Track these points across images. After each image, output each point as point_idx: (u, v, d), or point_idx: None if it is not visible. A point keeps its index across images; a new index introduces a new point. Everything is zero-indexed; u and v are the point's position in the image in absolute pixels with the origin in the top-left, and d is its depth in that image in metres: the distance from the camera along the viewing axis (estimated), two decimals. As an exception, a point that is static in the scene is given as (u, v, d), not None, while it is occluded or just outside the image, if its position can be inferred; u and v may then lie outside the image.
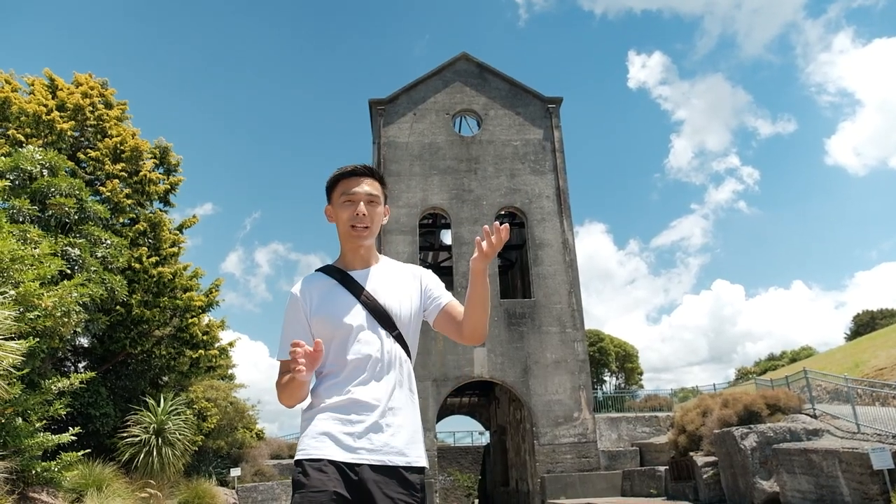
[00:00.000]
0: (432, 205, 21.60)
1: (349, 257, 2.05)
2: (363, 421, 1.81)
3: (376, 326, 1.93)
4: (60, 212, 9.71)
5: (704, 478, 12.88)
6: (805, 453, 9.92)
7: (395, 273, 2.07)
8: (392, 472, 1.79)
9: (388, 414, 1.85)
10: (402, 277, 2.06)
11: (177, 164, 15.35)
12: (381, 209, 2.07)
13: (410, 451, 1.85)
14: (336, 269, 2.04)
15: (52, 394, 8.65)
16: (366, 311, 1.93)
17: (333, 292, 1.97)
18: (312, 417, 1.86)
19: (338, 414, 1.83)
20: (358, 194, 2.00)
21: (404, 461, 1.82)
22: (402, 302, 1.99)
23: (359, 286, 1.97)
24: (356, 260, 2.04)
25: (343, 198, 2.02)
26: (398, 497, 1.76)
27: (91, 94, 14.01)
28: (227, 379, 23.59)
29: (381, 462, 1.78)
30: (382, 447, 1.80)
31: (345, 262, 2.06)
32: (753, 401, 12.95)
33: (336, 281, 2.00)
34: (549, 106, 23.28)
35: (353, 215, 1.99)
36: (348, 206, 2.01)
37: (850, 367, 18.00)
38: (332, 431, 1.81)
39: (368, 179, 2.05)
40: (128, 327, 12.81)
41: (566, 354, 20.01)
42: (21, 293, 6.42)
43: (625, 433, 20.29)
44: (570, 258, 21.17)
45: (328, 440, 1.80)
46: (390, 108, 22.70)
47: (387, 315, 1.95)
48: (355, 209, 1.99)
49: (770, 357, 45.03)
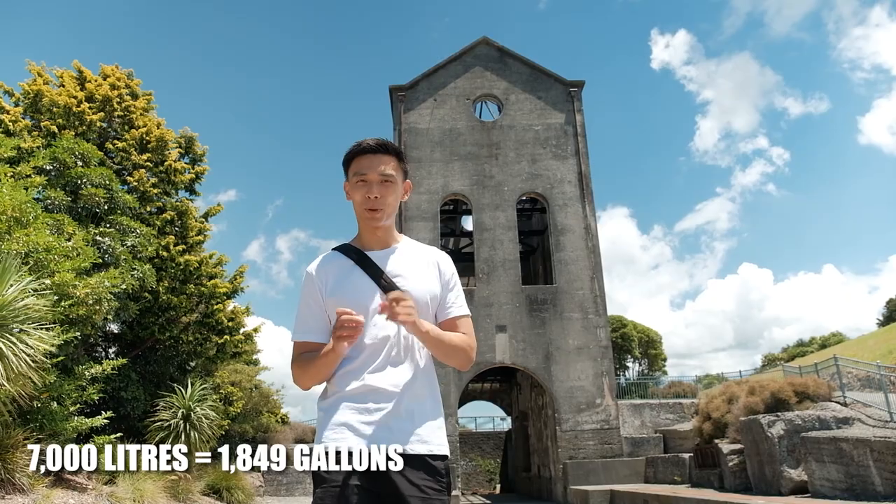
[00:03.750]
0: (453, 191, 21.56)
1: (366, 237, 1.96)
2: (382, 409, 1.75)
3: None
4: (92, 202, 9.88)
5: (730, 465, 12.80)
6: (835, 441, 9.79)
7: (415, 255, 1.97)
8: (415, 460, 1.73)
9: (407, 401, 1.78)
10: (422, 260, 1.97)
11: (202, 153, 15.47)
12: (399, 187, 1.95)
13: (432, 438, 1.78)
14: (354, 249, 1.95)
15: (85, 379, 8.87)
16: (382, 293, 1.83)
17: (350, 273, 1.89)
18: (329, 407, 1.81)
19: (355, 403, 1.77)
20: (371, 175, 1.89)
21: (426, 449, 1.76)
22: (421, 285, 1.90)
23: (377, 268, 1.88)
24: (374, 241, 1.95)
25: (356, 178, 1.91)
26: (423, 484, 1.70)
27: (118, 86, 14.16)
28: (252, 364, 23.94)
29: (402, 450, 1.72)
30: (402, 436, 1.74)
31: (362, 242, 1.97)
32: (781, 388, 12.79)
33: (353, 262, 1.90)
34: (571, 90, 23.02)
35: (364, 197, 1.89)
36: (361, 187, 1.90)
37: (883, 354, 17.68)
38: (351, 421, 1.75)
39: (383, 156, 1.91)
40: (156, 314, 13.05)
41: (588, 340, 19.94)
42: (56, 283, 6.56)
43: (648, 420, 20.22)
44: (593, 243, 21.03)
45: (347, 431, 1.74)
46: (410, 95, 22.63)
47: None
48: (368, 191, 1.89)
49: (799, 343, 44.47)
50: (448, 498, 1.77)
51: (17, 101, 13.38)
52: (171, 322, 13.39)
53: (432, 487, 1.72)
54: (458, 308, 1.97)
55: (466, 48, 23.47)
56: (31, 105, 13.04)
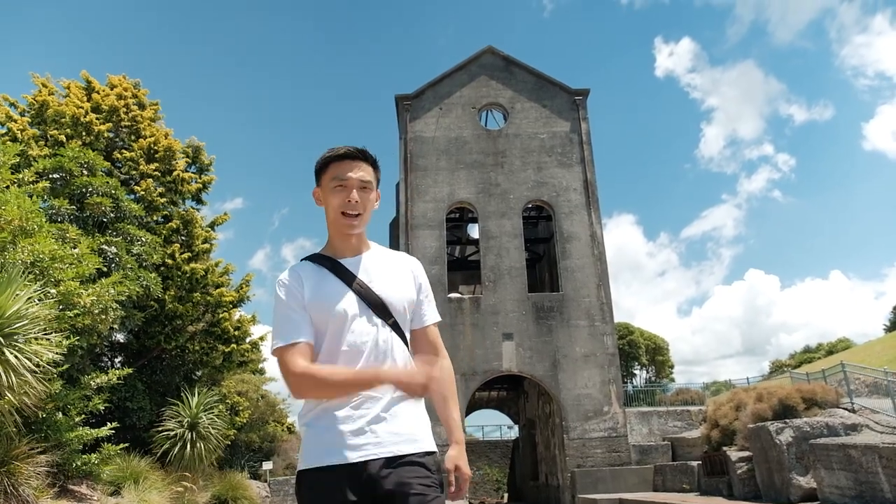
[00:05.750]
0: (459, 199, 21.58)
1: (338, 245, 1.94)
2: (364, 415, 1.74)
3: (371, 315, 1.83)
4: (98, 211, 9.96)
5: (738, 473, 12.68)
6: (843, 448, 9.69)
7: (388, 261, 1.97)
8: (403, 461, 1.72)
9: (389, 404, 1.77)
10: (395, 266, 1.97)
11: (209, 163, 15.58)
12: (374, 195, 1.95)
13: (418, 436, 1.79)
14: (325, 258, 1.93)
15: (90, 389, 8.88)
16: (359, 299, 1.83)
17: (325, 280, 1.87)
18: (312, 421, 1.78)
19: (337, 412, 1.75)
20: (350, 180, 1.88)
21: (413, 448, 1.76)
22: (396, 290, 1.90)
23: (350, 274, 1.87)
24: (346, 248, 1.93)
25: (334, 182, 1.90)
26: (413, 479, 1.70)
27: (125, 96, 14.30)
28: (259, 373, 23.98)
29: (390, 454, 1.71)
30: (388, 439, 1.73)
31: (334, 250, 1.95)
32: (789, 395, 12.69)
33: (327, 269, 1.89)
34: (576, 98, 23.04)
35: (344, 202, 1.88)
36: (339, 192, 1.89)
37: (891, 360, 17.52)
38: (334, 432, 1.73)
39: (362, 164, 1.92)
40: (162, 323, 13.09)
41: (595, 348, 19.85)
42: (62, 292, 6.59)
43: (656, 427, 20.07)
44: (599, 251, 20.97)
45: (330, 443, 1.72)
46: (416, 104, 22.71)
47: (381, 303, 1.85)
48: (347, 195, 1.88)
49: (806, 349, 44.15)
50: (443, 494, 1.76)
51: (23, 112, 13.50)
52: (177, 331, 13.41)
53: (424, 484, 1.71)
54: (432, 316, 2.03)
55: (472, 57, 23.55)
56: (36, 116, 13.17)
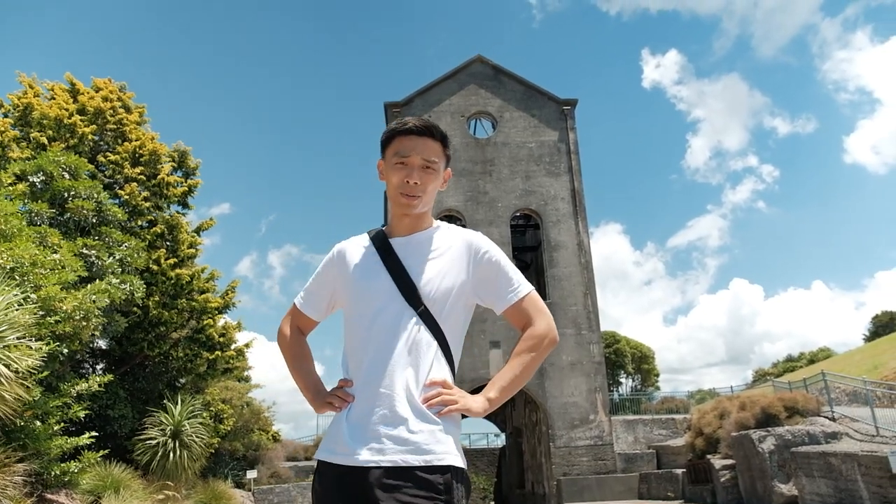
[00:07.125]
0: (447, 207, 21.61)
1: (395, 223, 1.82)
2: (373, 415, 1.57)
3: (401, 301, 1.67)
4: (80, 215, 9.86)
5: (722, 481, 12.75)
6: (824, 456, 9.78)
7: (441, 242, 1.78)
8: (406, 474, 1.49)
9: (402, 405, 1.57)
10: (449, 247, 1.77)
11: (195, 167, 15.48)
12: (440, 175, 1.80)
13: (432, 446, 1.53)
14: (379, 234, 1.82)
15: (70, 397, 8.75)
16: (393, 283, 1.69)
17: (367, 259, 1.77)
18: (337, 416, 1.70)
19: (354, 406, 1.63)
20: (412, 158, 1.74)
21: (422, 460, 1.51)
22: (436, 274, 1.70)
23: (394, 255, 1.74)
24: (400, 226, 1.80)
25: (396, 158, 1.75)
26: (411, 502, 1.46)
27: (111, 98, 14.20)
28: (243, 381, 23.76)
29: (391, 463, 1.50)
30: (395, 445, 1.53)
31: (391, 228, 1.83)
32: (771, 403, 12.80)
33: (375, 248, 1.78)
34: (564, 108, 23.21)
35: (402, 181, 1.73)
36: (400, 170, 1.74)
37: (869, 369, 17.73)
38: (342, 428, 1.61)
39: (429, 140, 1.76)
40: (145, 329, 12.94)
41: (582, 356, 19.92)
42: (42, 297, 6.52)
43: (641, 436, 20.14)
44: (586, 260, 21.08)
45: (335, 439, 1.62)
46: (405, 111, 22.77)
47: (413, 289, 1.67)
48: (407, 174, 1.73)
49: (788, 358, 44.53)
50: None
51: (7, 112, 13.38)
52: (160, 338, 13.26)
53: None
54: (515, 291, 1.76)
55: (461, 66, 23.67)
56: (20, 118, 13.05)
